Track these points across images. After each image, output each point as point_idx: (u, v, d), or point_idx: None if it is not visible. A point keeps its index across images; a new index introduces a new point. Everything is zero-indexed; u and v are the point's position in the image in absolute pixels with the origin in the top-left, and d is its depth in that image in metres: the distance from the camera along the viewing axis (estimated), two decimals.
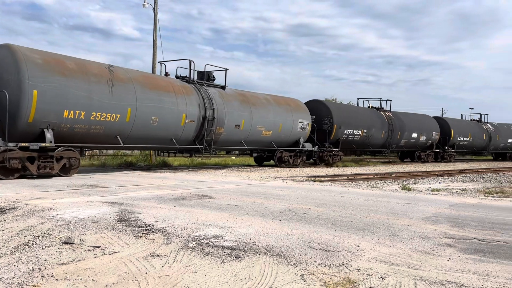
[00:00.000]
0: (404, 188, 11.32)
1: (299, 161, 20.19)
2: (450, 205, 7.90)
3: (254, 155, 20.28)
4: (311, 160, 21.46)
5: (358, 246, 4.54)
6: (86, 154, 21.21)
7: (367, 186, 11.84)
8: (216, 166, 19.43)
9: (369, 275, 3.61)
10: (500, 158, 37.18)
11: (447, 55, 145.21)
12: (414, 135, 27.54)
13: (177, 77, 16.13)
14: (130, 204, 6.88)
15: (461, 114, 42.20)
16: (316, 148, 20.91)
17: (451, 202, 8.28)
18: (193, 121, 15.10)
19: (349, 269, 3.75)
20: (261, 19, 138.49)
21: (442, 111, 38.06)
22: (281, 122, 18.83)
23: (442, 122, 30.28)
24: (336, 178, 14.19)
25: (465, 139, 31.52)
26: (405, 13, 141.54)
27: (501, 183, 13.89)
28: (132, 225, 5.27)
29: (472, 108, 59.03)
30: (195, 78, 16.43)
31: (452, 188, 11.75)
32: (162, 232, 4.94)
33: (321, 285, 3.37)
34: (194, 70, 16.29)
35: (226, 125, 16.35)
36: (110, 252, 4.12)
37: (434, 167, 23.28)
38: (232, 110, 16.69)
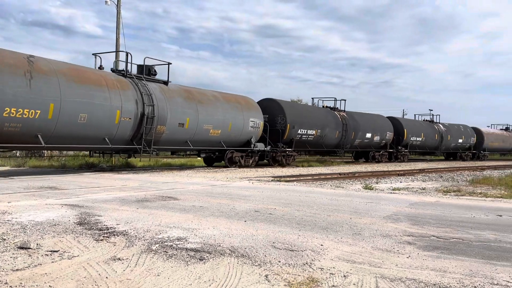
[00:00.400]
0: (367, 187, 11.58)
1: (251, 161, 19.64)
2: (410, 203, 8.15)
3: (202, 155, 19.28)
4: (265, 160, 21.03)
5: (321, 245, 4.60)
6: (45, 155, 20.45)
7: (331, 185, 12.04)
8: (181, 167, 19.20)
9: (332, 274, 3.65)
10: (451, 158, 37.75)
11: (408, 58, 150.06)
12: (368, 135, 27.49)
13: (112, 70, 15.03)
14: (90, 207, 6.68)
15: (414, 115, 42.51)
16: (268, 148, 20.37)
17: (411, 201, 8.54)
18: (130, 118, 13.99)
19: (312, 269, 3.79)
20: (227, 19, 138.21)
21: (403, 112, 39.04)
22: (231, 120, 18.07)
23: (395, 122, 30.45)
24: (302, 178, 14.35)
25: (418, 139, 31.79)
26: (368, 17, 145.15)
27: (458, 182, 14.48)
28: (93, 228, 5.11)
29: (432, 110, 61.17)
30: (135, 72, 15.36)
31: (413, 187, 12.13)
32: (124, 235, 4.82)
33: (285, 285, 3.38)
34: (132, 63, 15.14)
35: (169, 124, 15.37)
36: (69, 256, 3.98)
37: (395, 166, 23.97)
38: (176, 107, 15.70)
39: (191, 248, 4.33)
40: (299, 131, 22.02)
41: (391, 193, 10.33)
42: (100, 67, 14.76)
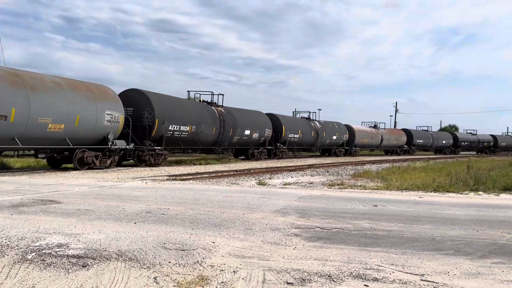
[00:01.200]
0: (261, 183, 11.96)
1: (109, 162, 16.82)
2: (299, 197, 8.61)
3: (41, 156, 15.65)
4: (131, 160, 18.69)
5: (213, 242, 4.62)
6: None
7: (227, 182, 12.18)
8: (66, 168, 17.77)
9: (222, 270, 3.69)
10: (327, 154, 38.10)
11: (300, 60, 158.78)
12: (247, 132, 26.15)
13: None
14: None
15: (292, 112, 41.83)
16: (132, 146, 17.85)
17: (299, 195, 9.03)
18: None
19: (203, 267, 3.78)
20: (120, 10, 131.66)
21: (295, 111, 41.03)
22: (79, 113, 14.99)
23: (274, 119, 29.80)
24: (198, 176, 14.29)
25: (295, 136, 31.48)
26: (263, 18, 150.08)
27: (342, 176, 15.72)
28: None
29: (320, 109, 65.63)
30: None
31: (302, 182, 12.85)
32: None
33: (174, 285, 3.32)
34: None
35: None
36: None
37: (288, 162, 25.14)
38: None
39: (73, 255, 4.02)
40: (170, 127, 19.71)
41: (282, 188, 10.80)
42: None
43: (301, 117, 36.17)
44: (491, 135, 60.73)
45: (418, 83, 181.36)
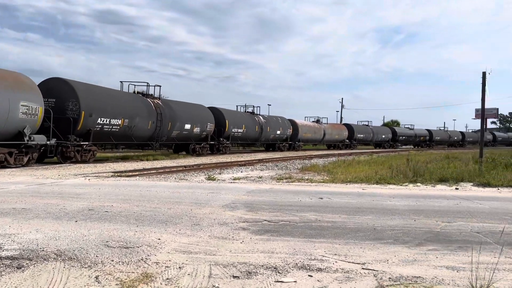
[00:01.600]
0: (210, 178, 11.89)
1: (26, 160, 15.06)
2: (248, 191, 8.66)
3: None
4: (55, 157, 17.12)
5: (159, 239, 4.53)
6: None
7: (175, 178, 11.99)
8: (2, 165, 16.68)
9: (168, 267, 3.63)
10: (271, 149, 37.54)
11: (249, 55, 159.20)
12: (188, 126, 24.74)
13: None
14: None
15: (236, 106, 41.00)
16: (53, 141, 16.16)
17: (248, 189, 9.08)
18: None
19: (148, 264, 3.69)
20: (61, 0, 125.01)
21: (246, 106, 40.74)
22: None
23: (217, 113, 28.68)
24: (145, 172, 13.94)
25: (239, 130, 30.59)
26: (212, 12, 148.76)
27: (290, 170, 15.99)
28: None
29: (270, 105, 66.26)
30: None
31: (251, 176, 12.92)
32: None
33: (116, 284, 3.22)
34: None
35: None
36: None
37: (238, 157, 25.18)
38: None
39: (7, 256, 3.79)
40: (99, 121, 18.03)
41: (231, 182, 10.81)
42: None
43: (246, 112, 35.25)
44: (427, 130, 63.66)
45: (362, 79, 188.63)
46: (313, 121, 45.00)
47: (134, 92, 22.74)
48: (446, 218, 6.00)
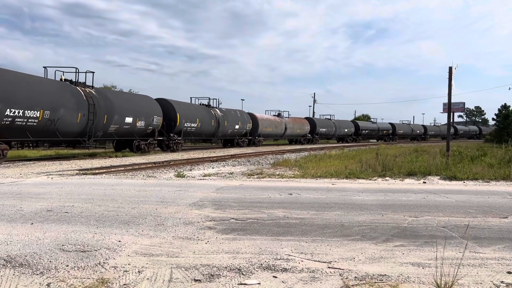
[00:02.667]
0: (179, 175, 11.65)
1: None
2: (217, 188, 8.49)
3: None
4: None
5: (119, 241, 4.32)
6: None
7: (143, 176, 11.70)
8: None
9: (126, 271, 3.44)
10: (229, 145, 34.62)
11: (222, 49, 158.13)
12: (129, 119, 21.54)
13: None
14: None
15: (190, 98, 33.67)
16: None
17: (218, 186, 8.92)
18: None
19: (105, 268, 3.50)
20: None
21: (218, 101, 39.66)
22: None
23: (167, 106, 25.41)
24: (113, 170, 13.56)
25: (193, 125, 27.35)
26: (184, 5, 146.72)
27: (262, 165, 15.90)
28: None
29: (243, 100, 66.00)
30: None
31: (222, 172, 12.75)
32: None
33: None
34: None
35: None
36: None
37: (210, 153, 24.91)
38: None
39: None
40: (8, 112, 14.89)
41: (201, 179, 10.61)
42: None
43: (201, 104, 31.29)
44: (390, 123, 63.77)
45: (334, 74, 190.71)
46: (274, 115, 41.98)
47: (61, 79, 19.09)
48: (413, 212, 6.03)
